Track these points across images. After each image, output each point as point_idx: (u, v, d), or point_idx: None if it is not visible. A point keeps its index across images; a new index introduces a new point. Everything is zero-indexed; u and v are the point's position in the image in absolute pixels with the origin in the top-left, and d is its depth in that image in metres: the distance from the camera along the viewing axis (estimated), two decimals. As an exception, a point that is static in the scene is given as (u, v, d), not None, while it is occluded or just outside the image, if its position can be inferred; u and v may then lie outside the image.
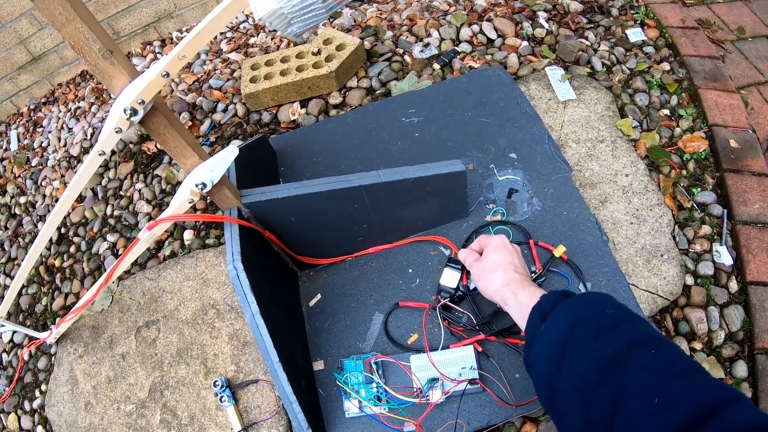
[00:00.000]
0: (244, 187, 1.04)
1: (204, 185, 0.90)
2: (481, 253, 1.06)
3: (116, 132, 0.80)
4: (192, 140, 0.89)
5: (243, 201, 1.01)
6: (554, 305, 0.78)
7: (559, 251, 1.15)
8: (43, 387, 1.43)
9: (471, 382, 1.02)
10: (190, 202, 0.93)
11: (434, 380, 1.04)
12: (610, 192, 1.31)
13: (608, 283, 1.14)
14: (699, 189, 1.35)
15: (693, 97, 1.55)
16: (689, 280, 1.21)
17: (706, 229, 1.28)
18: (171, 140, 0.86)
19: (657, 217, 1.27)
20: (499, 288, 0.93)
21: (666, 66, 1.62)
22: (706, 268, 1.23)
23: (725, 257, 1.25)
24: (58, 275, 1.62)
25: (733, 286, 1.22)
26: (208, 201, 1.52)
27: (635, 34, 1.72)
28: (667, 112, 1.51)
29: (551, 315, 0.76)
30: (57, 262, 1.65)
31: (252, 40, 2.01)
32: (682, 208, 1.31)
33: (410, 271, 1.23)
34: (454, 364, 1.06)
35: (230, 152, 0.90)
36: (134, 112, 0.77)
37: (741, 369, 1.11)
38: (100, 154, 0.84)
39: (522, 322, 0.85)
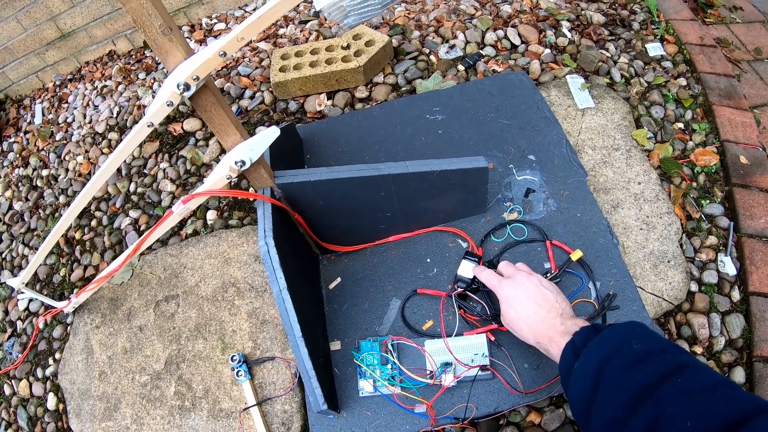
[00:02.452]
0: (274, 169, 1.09)
1: (243, 163, 0.94)
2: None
3: (167, 105, 0.84)
4: (235, 119, 0.93)
5: (276, 182, 1.05)
6: (585, 342, 0.79)
7: (576, 255, 1.19)
8: (57, 355, 1.46)
9: (482, 368, 1.07)
10: (228, 178, 0.98)
11: (447, 364, 1.09)
12: (622, 198, 1.36)
13: (617, 284, 1.18)
14: (708, 201, 1.39)
15: (707, 113, 1.59)
16: (694, 287, 1.25)
17: (712, 240, 1.32)
18: (216, 117, 0.90)
19: (666, 225, 1.31)
20: (531, 340, 0.95)
21: (683, 81, 1.66)
22: (710, 277, 1.27)
23: (729, 267, 1.28)
24: (78, 247, 1.66)
25: (736, 295, 1.26)
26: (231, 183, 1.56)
27: (654, 49, 1.76)
28: (681, 125, 1.55)
29: (583, 354, 0.77)
30: (77, 235, 1.68)
31: (281, 31, 2.05)
32: (691, 218, 1.35)
33: (428, 260, 1.28)
34: (467, 351, 1.10)
35: (271, 133, 0.94)
36: (187, 87, 0.81)
37: (739, 375, 1.15)
38: (148, 126, 0.88)
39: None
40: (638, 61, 1.71)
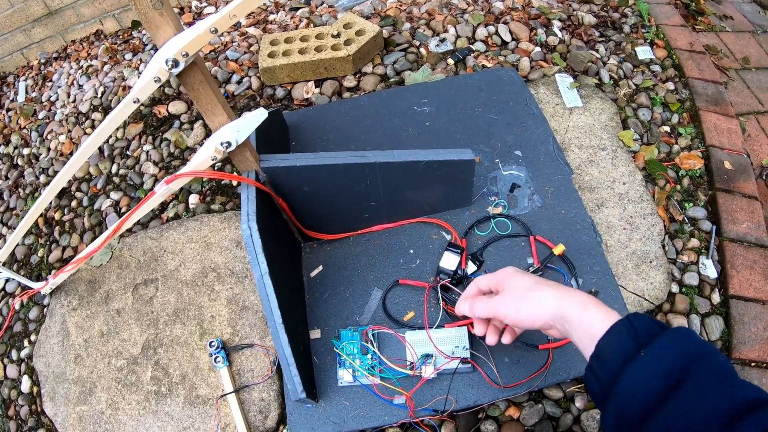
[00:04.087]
0: (259, 153, 1.07)
1: (229, 144, 0.93)
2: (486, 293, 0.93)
3: (155, 81, 0.83)
4: (222, 99, 0.91)
5: (261, 165, 1.04)
6: (651, 333, 0.67)
7: (558, 249, 1.19)
8: (33, 337, 1.43)
9: (463, 360, 1.06)
10: (212, 159, 0.96)
11: (428, 356, 1.08)
12: (607, 197, 1.36)
13: (599, 282, 1.18)
14: (691, 204, 1.40)
15: (693, 118, 1.61)
16: (674, 288, 1.26)
17: (694, 242, 1.33)
18: (204, 96, 0.89)
19: (649, 226, 1.32)
20: (554, 305, 0.78)
21: (671, 85, 1.68)
22: (691, 279, 1.28)
23: (710, 270, 1.30)
24: (57, 228, 1.63)
25: (716, 298, 1.27)
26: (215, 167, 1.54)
27: (644, 52, 1.77)
28: (667, 129, 1.56)
29: (660, 341, 0.65)
30: (57, 215, 1.65)
31: (271, 17, 2.03)
32: (674, 220, 1.36)
33: (411, 251, 1.27)
34: (448, 343, 1.10)
35: (259, 114, 0.93)
36: (176, 63, 0.80)
37: (716, 377, 1.16)
38: (134, 101, 0.87)
39: (589, 341, 0.72)
40: (627, 64, 1.72)
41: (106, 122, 0.91)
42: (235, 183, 1.52)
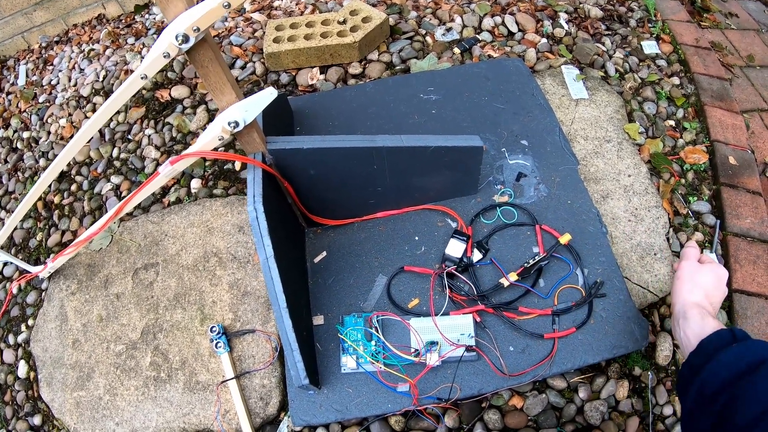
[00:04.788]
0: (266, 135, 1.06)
1: (237, 124, 0.92)
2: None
3: (164, 56, 0.81)
4: (231, 78, 0.90)
5: (268, 147, 1.02)
6: (746, 336, 0.80)
7: (565, 239, 1.19)
8: (30, 322, 1.42)
9: (468, 348, 1.06)
10: (219, 139, 0.95)
11: (433, 343, 1.08)
12: (612, 189, 1.35)
13: (604, 272, 1.18)
14: (695, 198, 1.40)
15: (698, 113, 1.60)
16: (679, 282, 1.25)
17: (698, 236, 1.33)
18: (213, 74, 0.87)
19: (654, 219, 1.31)
20: (692, 303, 0.93)
21: (676, 80, 1.67)
22: (695, 273, 1.27)
23: (714, 264, 1.29)
24: (57, 212, 1.62)
25: (719, 292, 1.26)
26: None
27: (650, 47, 1.76)
28: (672, 123, 1.56)
29: (752, 340, 0.78)
30: (56, 199, 1.64)
31: (276, 3, 2.01)
32: (678, 213, 1.36)
33: (417, 238, 1.26)
34: (453, 330, 1.09)
35: (268, 94, 0.92)
36: (186, 38, 0.78)
37: (719, 371, 1.16)
38: (142, 77, 0.85)
39: (694, 338, 0.85)
40: (633, 58, 1.72)
41: (112, 98, 0.89)
42: (238, 167, 1.51)
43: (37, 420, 1.29)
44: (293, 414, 1.09)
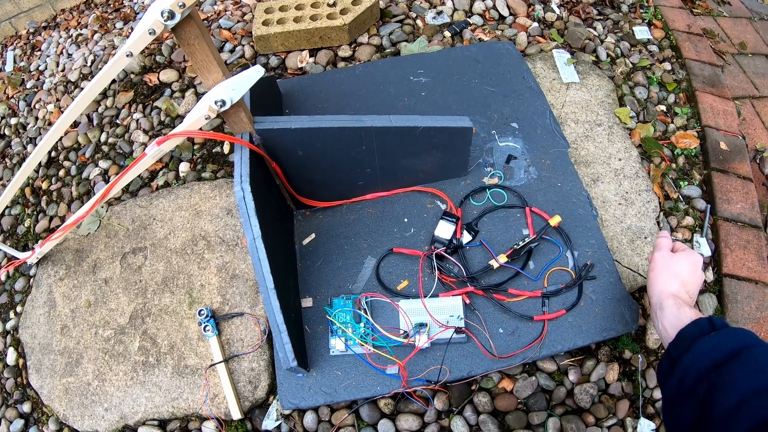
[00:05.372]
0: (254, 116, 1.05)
1: (223, 103, 0.91)
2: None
3: (149, 33, 0.80)
4: (218, 56, 0.89)
5: (256, 127, 1.01)
6: (725, 324, 0.80)
7: (555, 221, 1.19)
8: (19, 309, 1.41)
9: (457, 330, 1.05)
10: (206, 119, 0.94)
11: (422, 325, 1.07)
12: (602, 172, 1.35)
13: (594, 255, 1.18)
14: (686, 183, 1.39)
15: (689, 98, 1.60)
16: (669, 265, 1.25)
17: (689, 221, 1.32)
18: (199, 52, 0.86)
19: (644, 202, 1.31)
20: (667, 294, 0.94)
21: (667, 66, 1.67)
22: (685, 256, 1.27)
23: (704, 248, 1.29)
24: (45, 198, 1.60)
25: (710, 276, 1.26)
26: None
27: (642, 32, 1.76)
28: (663, 108, 1.55)
29: (729, 329, 0.78)
30: (44, 185, 1.62)
31: (265, -14, 2.00)
32: (669, 197, 1.36)
33: (406, 220, 1.26)
34: (442, 312, 1.09)
35: (255, 72, 0.91)
36: (171, 15, 0.77)
37: (709, 353, 1.16)
38: (127, 55, 0.84)
39: (672, 329, 0.86)
40: (625, 43, 1.71)
41: (99, 76, 0.88)
42: (227, 149, 1.50)
43: (26, 407, 1.28)
44: (282, 397, 1.08)
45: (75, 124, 1.70)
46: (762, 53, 1.89)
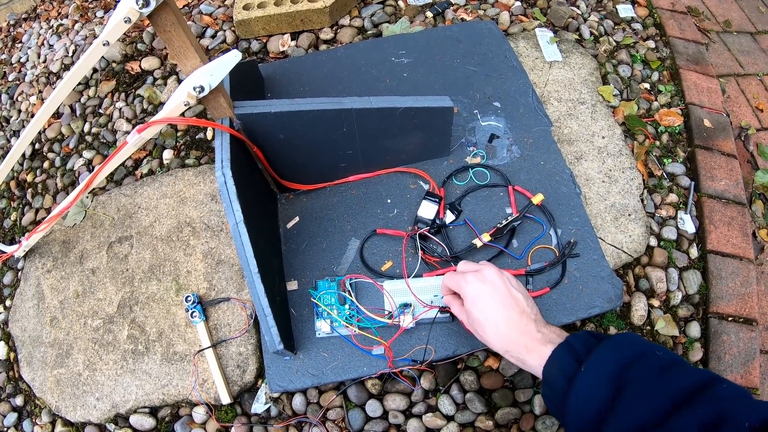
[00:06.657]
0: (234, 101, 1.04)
1: (202, 88, 0.90)
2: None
3: (125, 22, 0.80)
4: (195, 42, 0.88)
5: (236, 112, 1.01)
6: (588, 347, 0.73)
7: (537, 199, 1.18)
8: (8, 302, 1.41)
9: (441, 310, 1.06)
10: (185, 105, 0.93)
11: (406, 305, 1.08)
12: (586, 150, 1.35)
13: (578, 232, 1.18)
14: (670, 160, 1.40)
15: (673, 76, 1.60)
16: (653, 242, 1.26)
17: (673, 197, 1.33)
18: (176, 39, 0.85)
19: (628, 180, 1.31)
20: (501, 348, 0.85)
21: (651, 44, 1.67)
22: (669, 233, 1.28)
23: (689, 225, 1.30)
24: (30, 190, 1.60)
25: (694, 252, 1.28)
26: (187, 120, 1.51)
27: (625, 10, 1.76)
28: (647, 86, 1.56)
29: (597, 352, 0.71)
30: (29, 178, 1.62)
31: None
32: (653, 175, 1.36)
33: (389, 201, 1.26)
34: (426, 292, 1.09)
35: (233, 56, 0.90)
36: (146, 2, 0.77)
37: (695, 330, 1.18)
38: (104, 44, 0.84)
39: (535, 370, 0.79)
40: (608, 21, 1.70)
41: (76, 66, 0.88)
42: (210, 135, 1.49)
43: (19, 400, 1.28)
44: (270, 380, 1.09)
45: (58, 115, 1.69)
46: (747, 31, 1.89)
